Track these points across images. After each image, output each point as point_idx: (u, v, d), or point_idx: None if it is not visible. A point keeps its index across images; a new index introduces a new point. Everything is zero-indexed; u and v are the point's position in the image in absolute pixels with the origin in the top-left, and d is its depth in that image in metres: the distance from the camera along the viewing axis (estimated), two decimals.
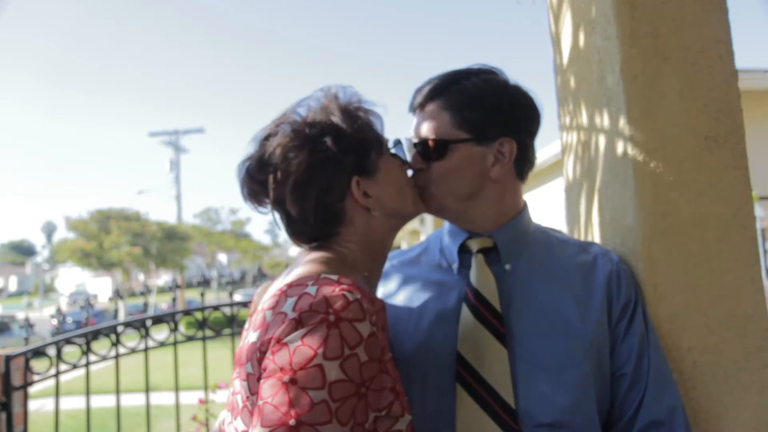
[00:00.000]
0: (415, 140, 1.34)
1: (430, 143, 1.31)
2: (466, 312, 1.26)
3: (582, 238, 1.70)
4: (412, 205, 1.28)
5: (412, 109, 1.38)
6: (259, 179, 1.19)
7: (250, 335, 1.06)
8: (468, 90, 1.32)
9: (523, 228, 1.37)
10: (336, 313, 0.95)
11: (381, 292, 1.43)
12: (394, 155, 1.28)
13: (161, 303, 35.61)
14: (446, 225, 1.44)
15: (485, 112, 1.31)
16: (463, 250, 1.36)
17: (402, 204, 1.25)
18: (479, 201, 1.35)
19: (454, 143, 1.31)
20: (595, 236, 1.62)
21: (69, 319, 23.64)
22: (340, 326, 0.94)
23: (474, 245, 1.34)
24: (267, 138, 1.19)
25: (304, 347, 0.93)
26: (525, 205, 1.40)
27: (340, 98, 1.21)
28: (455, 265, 1.36)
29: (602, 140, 1.55)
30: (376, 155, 1.21)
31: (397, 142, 1.32)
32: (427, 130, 1.33)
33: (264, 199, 1.21)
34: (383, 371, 1.00)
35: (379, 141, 1.23)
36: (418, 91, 1.36)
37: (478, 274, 1.30)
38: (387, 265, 1.45)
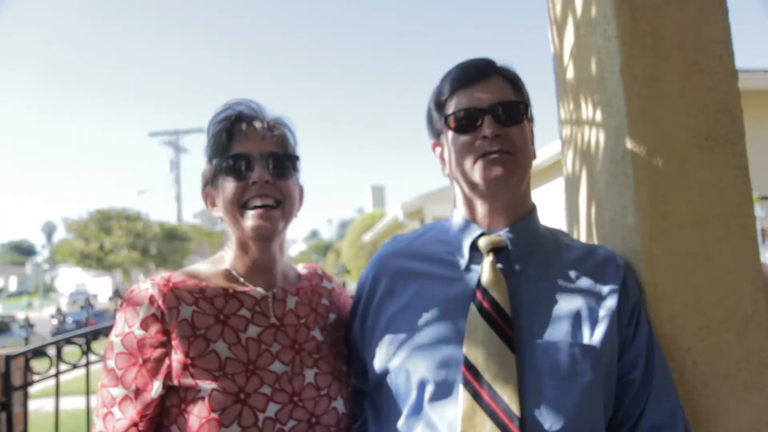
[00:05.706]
0: (492, 103, 1.26)
1: (513, 104, 1.28)
2: (474, 314, 1.21)
3: (582, 237, 1.70)
4: None
5: (471, 80, 1.30)
6: None
7: None
8: (510, 68, 1.35)
9: (533, 228, 1.34)
10: None
11: (380, 285, 1.36)
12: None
13: None
14: (455, 218, 1.38)
15: (525, 89, 1.36)
16: (472, 247, 1.31)
17: None
18: (525, 181, 1.34)
19: (526, 108, 1.31)
20: (595, 236, 1.62)
21: (69, 319, 23.59)
22: None
23: (486, 244, 1.29)
24: None
25: None
26: (535, 206, 1.38)
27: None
28: (463, 261, 1.31)
29: (602, 140, 1.55)
30: None
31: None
32: (503, 93, 1.29)
33: None
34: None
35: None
36: (474, 65, 1.32)
37: (489, 275, 1.25)
38: (384, 255, 1.42)
